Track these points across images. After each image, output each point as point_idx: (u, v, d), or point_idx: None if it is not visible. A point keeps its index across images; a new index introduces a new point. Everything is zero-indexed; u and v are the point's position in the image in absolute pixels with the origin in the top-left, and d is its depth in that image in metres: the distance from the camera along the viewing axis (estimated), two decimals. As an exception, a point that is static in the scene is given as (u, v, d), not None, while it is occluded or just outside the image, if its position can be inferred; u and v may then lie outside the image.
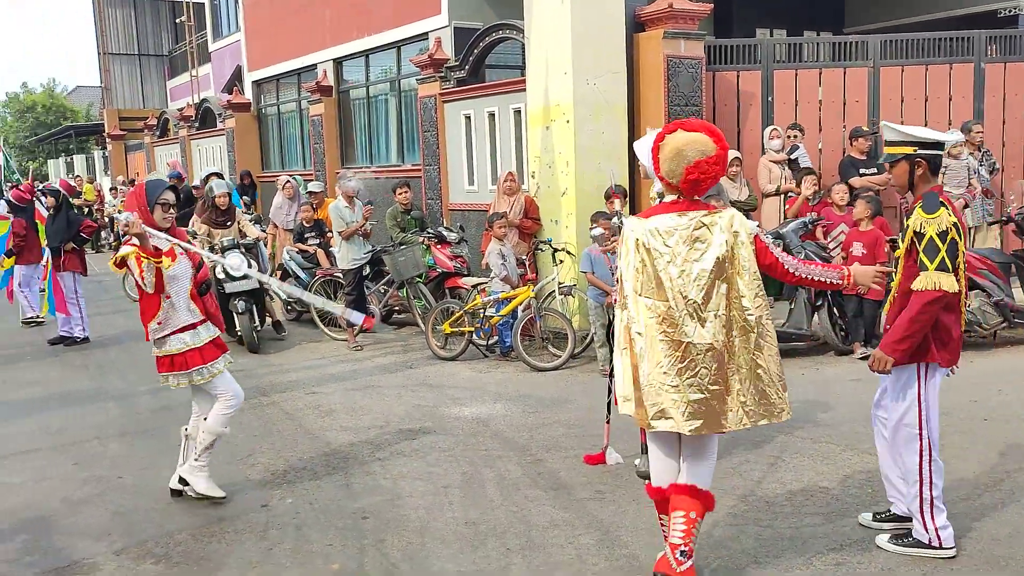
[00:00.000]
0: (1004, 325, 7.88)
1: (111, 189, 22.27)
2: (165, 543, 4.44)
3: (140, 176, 22.53)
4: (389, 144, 14.52)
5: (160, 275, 4.64)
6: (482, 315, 8.41)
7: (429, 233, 9.76)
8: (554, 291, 8.37)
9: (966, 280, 4.00)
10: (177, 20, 29.96)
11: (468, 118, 10.91)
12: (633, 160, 8.79)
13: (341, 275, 9.39)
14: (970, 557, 3.94)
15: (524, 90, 9.50)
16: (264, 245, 10.24)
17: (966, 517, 4.31)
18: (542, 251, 8.91)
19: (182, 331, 4.80)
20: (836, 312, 7.97)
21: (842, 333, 8.00)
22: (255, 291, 9.20)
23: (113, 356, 9.32)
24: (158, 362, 4.86)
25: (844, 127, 9.89)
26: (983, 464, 5.09)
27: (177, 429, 5.21)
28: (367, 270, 9.42)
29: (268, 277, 8.22)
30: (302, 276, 10.38)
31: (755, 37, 12.73)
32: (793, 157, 9.30)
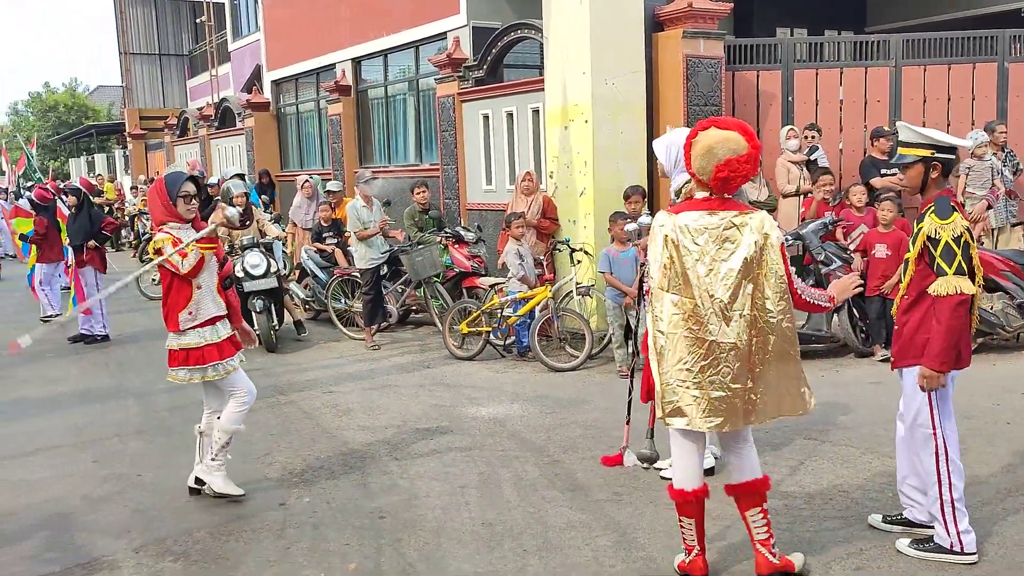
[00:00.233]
0: (1027, 327, 7.79)
1: (132, 188, 22.45)
2: (184, 541, 4.47)
3: (160, 175, 22.71)
4: (407, 143, 14.55)
5: (202, 259, 4.69)
6: (499, 315, 8.40)
7: (447, 233, 9.77)
8: (572, 291, 8.36)
9: (985, 281, 3.97)
10: (197, 20, 30.16)
11: (486, 118, 10.91)
12: (652, 160, 8.75)
13: (358, 274, 9.42)
14: (992, 563, 3.90)
15: (542, 90, 9.49)
16: (283, 244, 10.30)
17: (988, 522, 4.26)
18: (560, 251, 8.89)
19: (206, 324, 4.83)
20: (856, 314, 7.91)
21: (862, 335, 7.93)
22: (274, 290, 9.24)
23: (132, 354, 9.39)
24: (171, 355, 4.85)
25: (865, 127, 9.81)
26: (1006, 468, 5.03)
27: (195, 427, 5.24)
28: (385, 269, 9.44)
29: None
30: (320, 275, 10.43)
31: (775, 36, 12.67)
32: (812, 158, 9.23)
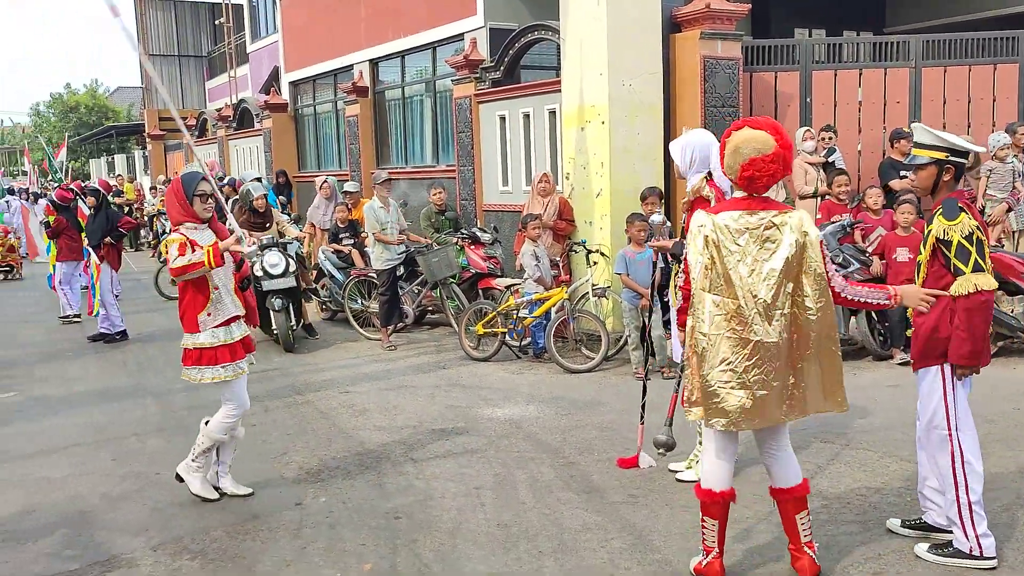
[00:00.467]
0: (1049, 331, 7.70)
1: (151, 188, 22.61)
2: (201, 540, 4.49)
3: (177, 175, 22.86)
4: (424, 144, 14.58)
5: (195, 267, 4.69)
6: (515, 316, 8.40)
7: (463, 234, 9.78)
8: (588, 293, 8.35)
9: (1006, 284, 3.94)
10: (216, 22, 30.38)
11: (503, 119, 10.91)
12: (669, 161, 8.73)
13: (375, 275, 9.45)
14: (1012, 569, 3.86)
15: (559, 91, 9.49)
16: (301, 244, 10.35)
17: (1008, 527, 4.22)
18: (576, 252, 8.88)
19: (221, 325, 4.86)
20: (875, 316, 7.85)
21: (880, 338, 7.88)
22: (292, 289, 9.29)
23: (151, 353, 9.46)
24: (185, 354, 4.90)
25: (884, 128, 9.74)
26: (1026, 473, 4.98)
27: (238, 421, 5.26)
28: (401, 270, 9.46)
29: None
30: (337, 275, 10.47)
31: (793, 37, 12.60)
32: (830, 160, 9.18)
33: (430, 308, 10.29)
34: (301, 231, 10.72)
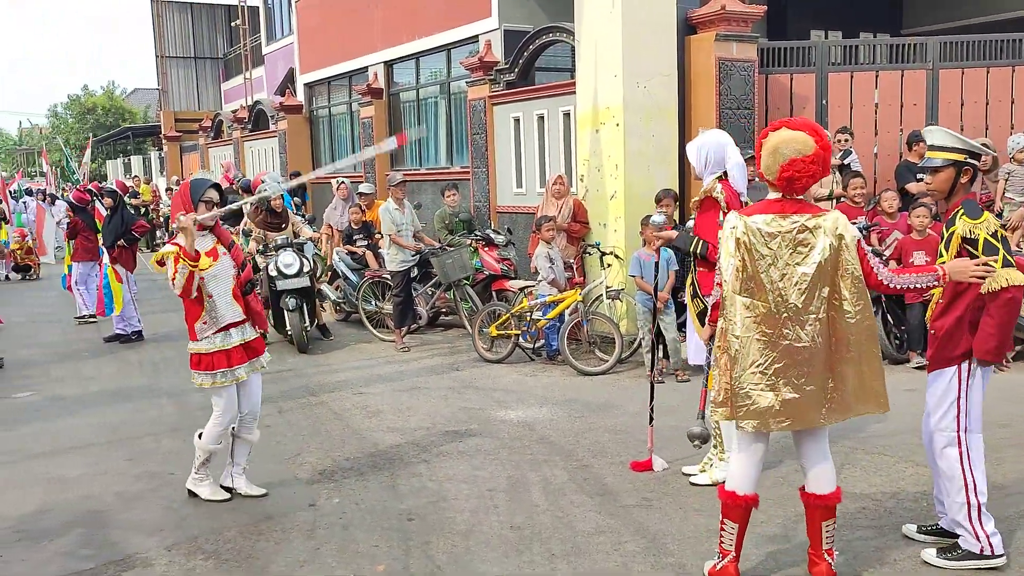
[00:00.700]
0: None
1: (167, 190, 22.76)
2: (215, 540, 4.51)
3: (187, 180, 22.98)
4: (438, 146, 14.60)
5: (191, 279, 4.72)
6: (529, 318, 8.40)
7: (477, 235, 9.79)
8: (601, 295, 8.34)
9: None
10: (232, 24, 30.54)
11: (517, 121, 10.92)
12: (684, 164, 8.71)
13: (389, 276, 9.47)
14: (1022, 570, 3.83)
15: (574, 93, 9.48)
16: (315, 244, 10.39)
17: (1022, 530, 4.19)
18: (590, 255, 8.87)
19: (219, 331, 4.89)
20: (891, 320, 7.80)
21: (896, 341, 7.82)
22: (306, 289, 9.32)
23: (166, 354, 9.51)
24: (191, 359, 4.97)
25: (901, 131, 9.68)
26: (1044, 479, 4.94)
27: (228, 429, 5.28)
28: (415, 272, 9.48)
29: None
30: (351, 277, 10.50)
31: (809, 39, 12.55)
32: (845, 162, 9.13)
33: (443, 310, 10.31)
34: (315, 232, 10.76)
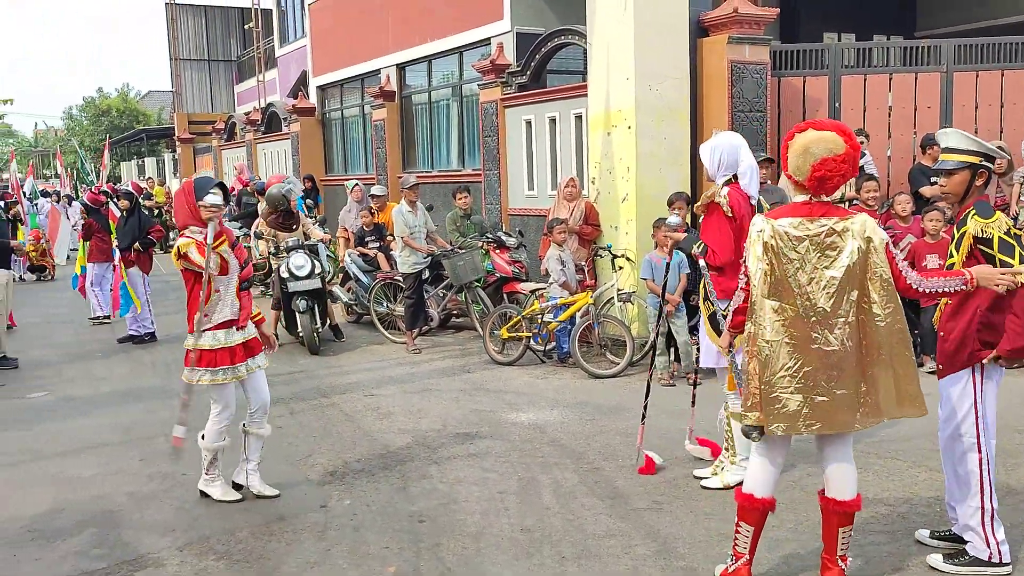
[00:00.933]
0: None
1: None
2: (226, 540, 4.53)
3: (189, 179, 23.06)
4: (450, 149, 14.62)
5: (226, 263, 4.79)
6: (540, 321, 8.39)
7: (488, 238, 9.79)
8: (613, 298, 8.32)
9: None
10: (245, 26, 30.67)
11: (529, 123, 10.92)
12: (696, 166, 8.70)
13: (401, 279, 9.48)
14: (1043, 581, 3.80)
15: (585, 95, 9.48)
16: (329, 247, 10.42)
17: (1040, 540, 4.16)
18: (601, 257, 8.86)
19: (220, 328, 4.90)
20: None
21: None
22: (317, 291, 9.35)
23: (179, 354, 9.46)
24: (186, 355, 4.95)
25: (915, 134, 9.62)
26: (1059, 485, 4.90)
27: (229, 425, 5.30)
28: (426, 274, 9.49)
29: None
30: (363, 279, 10.52)
31: (822, 41, 12.50)
32: (859, 165, 9.08)
33: (455, 312, 10.31)
34: (326, 233, 10.78)
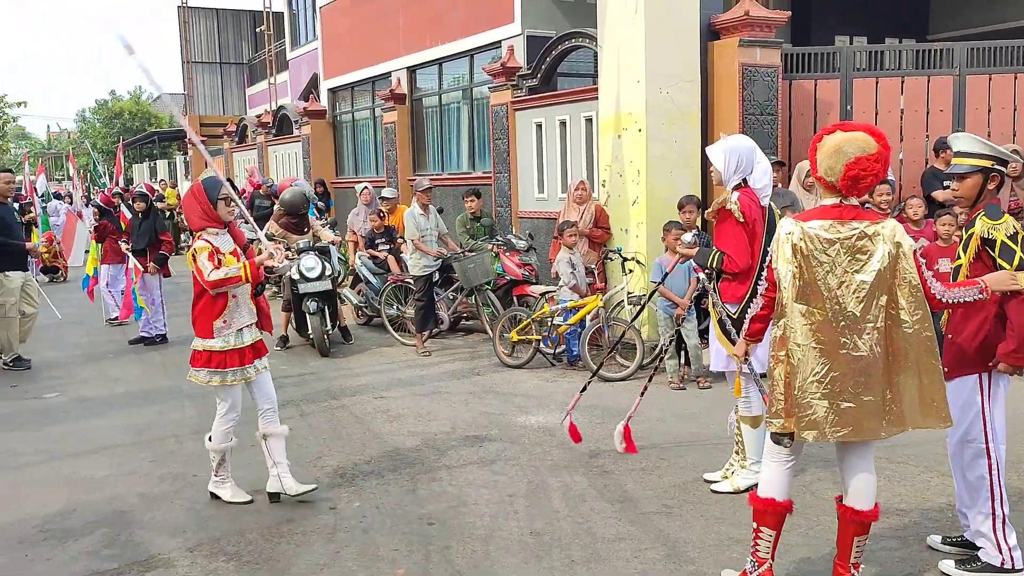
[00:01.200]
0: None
1: (191, 193, 22.91)
2: (236, 541, 4.54)
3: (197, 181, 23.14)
4: (460, 151, 14.64)
5: (233, 282, 4.77)
6: (550, 323, 8.39)
7: (498, 240, 9.80)
8: (623, 301, 8.31)
9: None
10: (257, 29, 30.79)
11: (539, 126, 10.92)
12: (706, 169, 8.67)
13: (412, 281, 9.50)
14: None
15: (596, 98, 9.47)
16: (338, 249, 10.44)
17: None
18: (611, 260, 8.85)
19: (236, 330, 4.90)
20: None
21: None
22: (328, 293, 9.37)
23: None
24: (194, 356, 4.94)
25: (927, 137, 9.59)
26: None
27: (246, 429, 5.32)
28: (437, 276, 9.50)
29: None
30: (373, 281, 10.54)
31: (834, 44, 12.47)
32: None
33: (465, 314, 10.32)
34: (336, 235, 10.82)
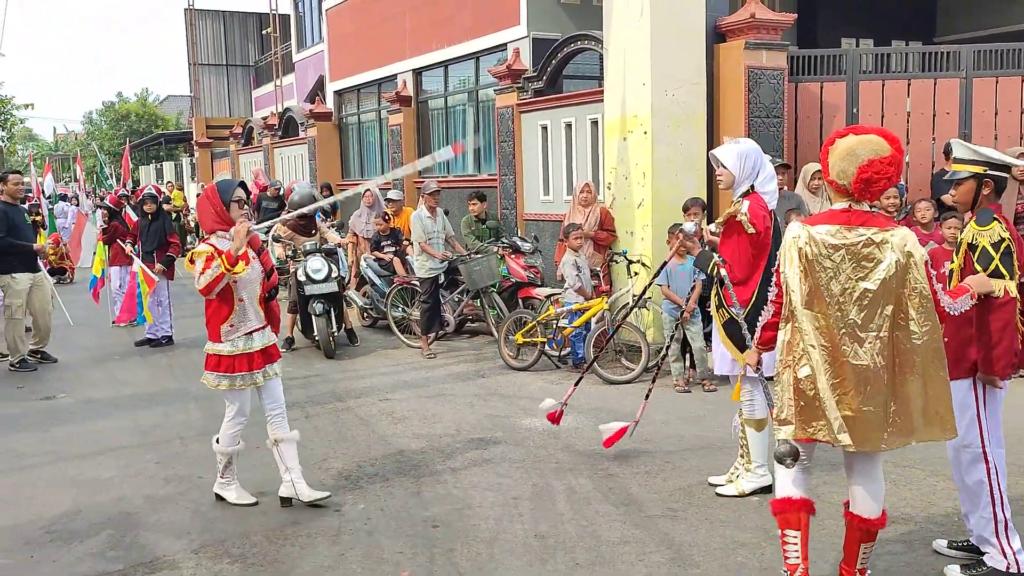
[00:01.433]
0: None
1: (197, 195, 23.00)
2: (241, 543, 4.55)
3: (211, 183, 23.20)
4: (466, 154, 14.65)
5: (219, 280, 4.69)
6: (555, 326, 8.39)
7: (504, 243, 9.80)
8: (628, 303, 8.30)
9: None
10: (263, 32, 30.89)
11: (544, 128, 10.93)
12: (711, 172, 8.66)
13: (417, 283, 9.51)
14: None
15: (601, 101, 9.47)
16: (345, 251, 10.46)
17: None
18: (617, 263, 8.85)
19: (245, 335, 4.89)
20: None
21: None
22: (334, 294, 9.39)
23: (196, 359, 9.55)
24: (207, 359, 4.95)
25: (934, 140, 9.56)
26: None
27: (252, 431, 5.32)
28: (442, 278, 9.51)
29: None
30: (378, 283, 10.56)
31: (840, 47, 12.44)
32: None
33: (471, 317, 10.33)
34: (343, 238, 10.84)
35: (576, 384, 5.92)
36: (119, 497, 5.28)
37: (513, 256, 9.62)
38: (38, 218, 15.23)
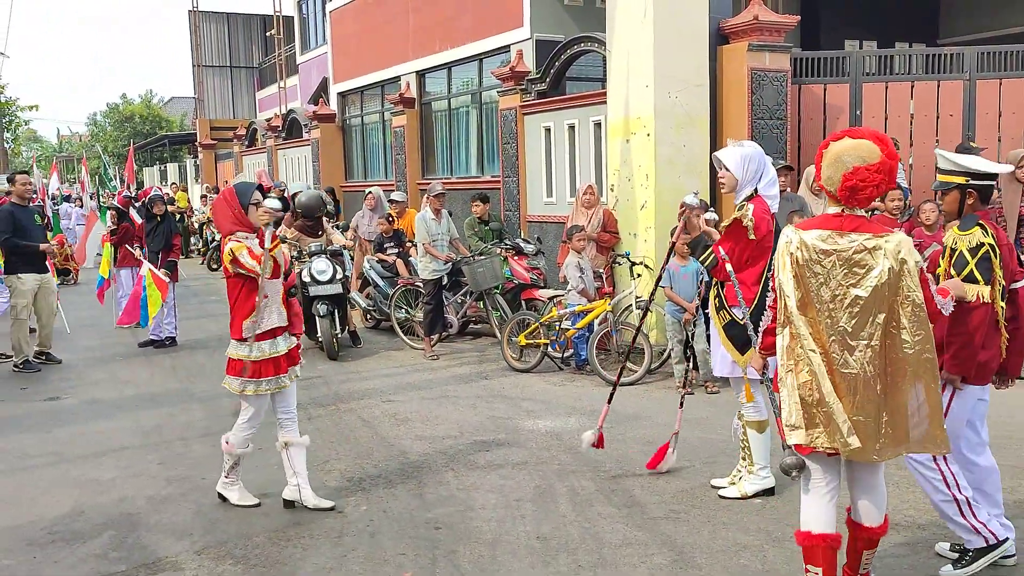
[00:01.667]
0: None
1: (201, 197, 23.04)
2: (244, 545, 4.55)
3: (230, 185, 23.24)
4: (469, 155, 14.66)
5: (277, 267, 4.82)
6: (558, 328, 8.39)
7: (507, 244, 9.81)
8: (631, 305, 8.30)
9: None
10: (267, 34, 30.96)
11: (548, 130, 10.93)
12: (714, 174, 8.65)
13: (421, 285, 9.52)
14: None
15: (605, 103, 9.47)
16: (350, 252, 10.48)
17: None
18: (619, 264, 8.85)
19: (266, 337, 4.88)
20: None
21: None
22: (338, 296, 9.40)
23: (200, 359, 9.62)
24: (230, 364, 4.92)
25: (937, 142, 9.54)
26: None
27: (256, 433, 5.32)
28: (445, 280, 9.52)
29: None
30: (381, 284, 10.57)
31: (843, 49, 12.44)
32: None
33: (474, 318, 10.33)
34: (348, 239, 10.85)
35: (608, 402, 5.70)
36: (121, 498, 5.28)
37: (516, 258, 9.62)
38: (44, 220, 15.24)
